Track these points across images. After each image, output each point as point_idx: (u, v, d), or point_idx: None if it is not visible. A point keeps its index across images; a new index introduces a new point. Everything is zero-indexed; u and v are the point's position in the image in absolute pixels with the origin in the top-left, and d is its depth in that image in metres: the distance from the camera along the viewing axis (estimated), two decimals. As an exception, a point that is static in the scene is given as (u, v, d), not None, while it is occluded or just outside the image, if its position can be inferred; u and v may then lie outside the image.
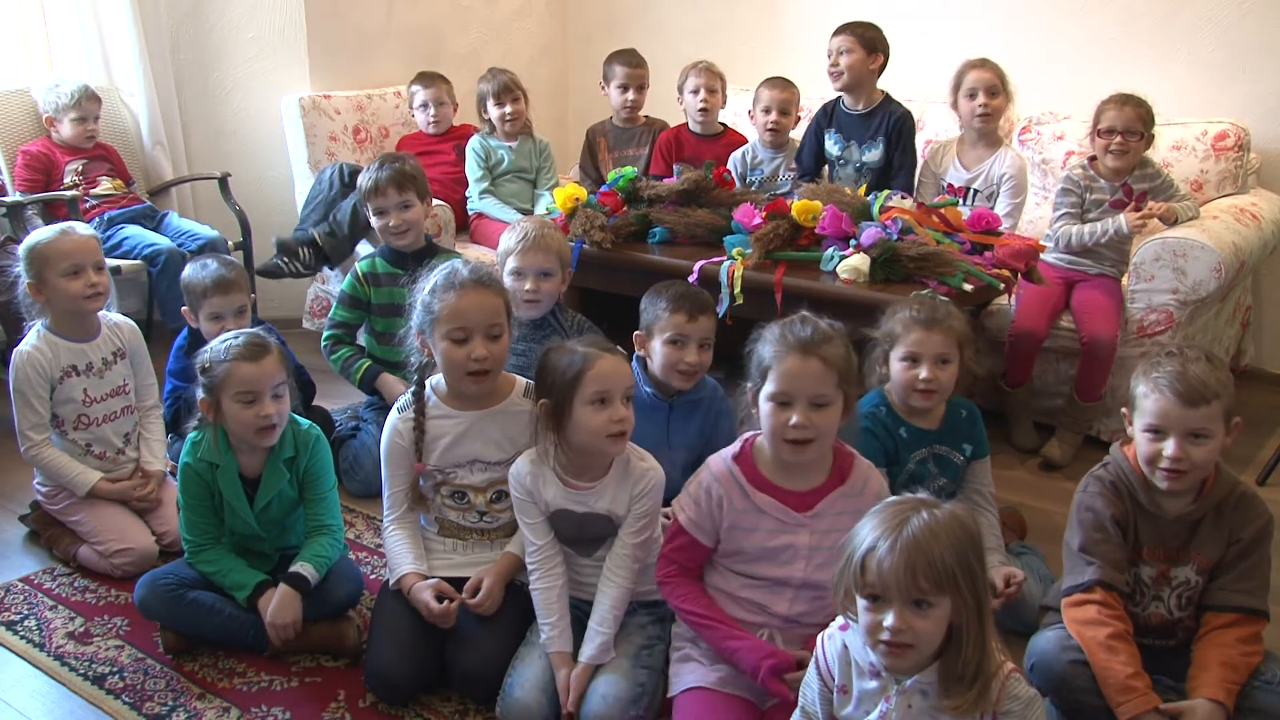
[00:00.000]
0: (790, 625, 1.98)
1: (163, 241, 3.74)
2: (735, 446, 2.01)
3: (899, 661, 1.55)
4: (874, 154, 3.67)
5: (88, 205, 3.77)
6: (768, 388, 1.89)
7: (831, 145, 3.73)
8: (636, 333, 2.54)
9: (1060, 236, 3.41)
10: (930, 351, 2.30)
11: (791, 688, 1.82)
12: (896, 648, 1.52)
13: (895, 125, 3.65)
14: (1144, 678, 1.89)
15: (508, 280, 2.71)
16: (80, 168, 3.82)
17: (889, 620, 1.50)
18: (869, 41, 3.64)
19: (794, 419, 1.86)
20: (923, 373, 2.30)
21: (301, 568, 2.30)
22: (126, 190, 3.92)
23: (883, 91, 3.74)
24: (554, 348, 2.13)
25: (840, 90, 3.72)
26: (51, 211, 3.66)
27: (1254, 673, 1.93)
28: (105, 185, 3.85)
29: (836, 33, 3.68)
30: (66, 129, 3.80)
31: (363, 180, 3.15)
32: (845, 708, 1.66)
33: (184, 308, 2.93)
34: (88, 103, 3.81)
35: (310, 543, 2.36)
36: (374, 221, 3.16)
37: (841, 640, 1.66)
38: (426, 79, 4.39)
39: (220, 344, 2.29)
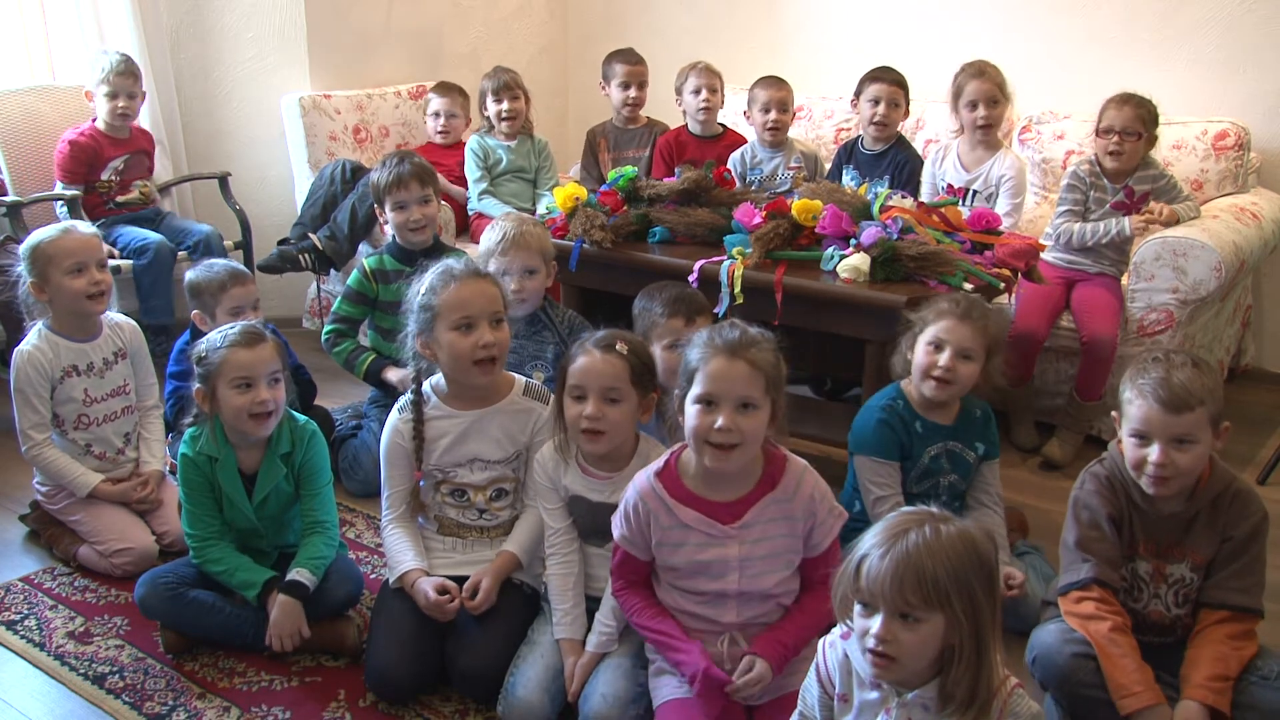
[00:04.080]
0: (746, 627, 1.96)
1: (153, 236, 3.68)
2: (659, 461, 1.96)
3: (884, 674, 1.54)
4: (880, 191, 3.69)
5: (108, 207, 3.73)
6: (694, 390, 1.84)
7: (848, 180, 3.74)
8: None
9: (1062, 233, 3.41)
10: (955, 342, 2.32)
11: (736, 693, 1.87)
12: (880, 658, 1.50)
13: (900, 168, 3.68)
14: (1147, 671, 1.89)
15: None
16: (121, 165, 3.76)
17: (874, 628, 1.49)
18: (907, 93, 3.69)
19: (719, 421, 1.80)
20: (942, 359, 2.32)
21: (299, 574, 2.29)
22: (148, 199, 3.87)
23: (898, 134, 3.76)
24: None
25: (878, 141, 3.72)
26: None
27: (1251, 668, 1.93)
28: (134, 193, 3.80)
29: (880, 80, 3.66)
30: (100, 105, 3.70)
31: (380, 176, 3.09)
32: (845, 716, 1.65)
33: (194, 311, 2.89)
34: (118, 78, 3.67)
35: (305, 544, 2.35)
36: (391, 217, 3.10)
37: (843, 649, 1.64)
38: (444, 88, 4.40)
39: (217, 334, 2.31)
